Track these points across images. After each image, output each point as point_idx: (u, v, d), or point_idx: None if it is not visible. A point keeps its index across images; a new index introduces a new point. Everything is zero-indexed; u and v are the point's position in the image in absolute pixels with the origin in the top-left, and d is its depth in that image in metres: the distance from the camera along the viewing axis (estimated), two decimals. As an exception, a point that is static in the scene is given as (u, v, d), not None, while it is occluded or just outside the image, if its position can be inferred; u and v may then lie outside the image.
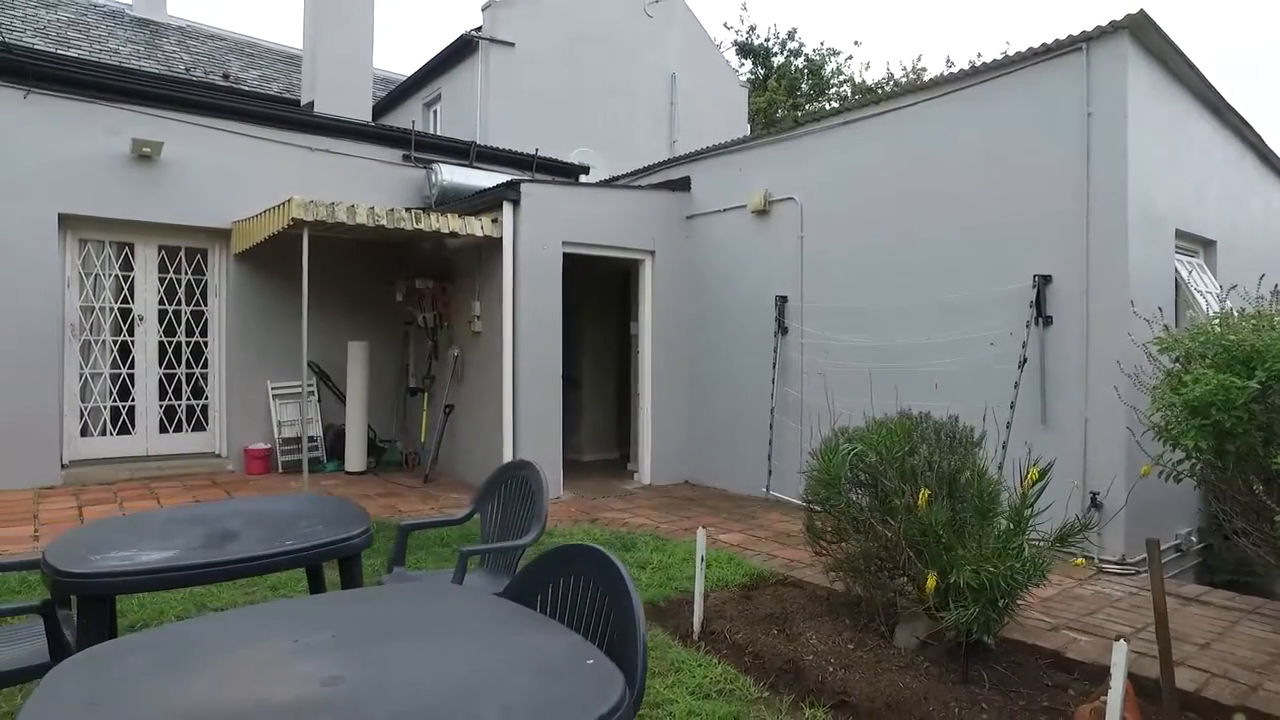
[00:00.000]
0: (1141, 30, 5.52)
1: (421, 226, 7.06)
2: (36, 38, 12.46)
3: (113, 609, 2.41)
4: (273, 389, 8.93)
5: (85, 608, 2.33)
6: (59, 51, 11.98)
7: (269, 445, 8.77)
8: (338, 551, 2.60)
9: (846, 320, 7.23)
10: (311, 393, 9.11)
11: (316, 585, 2.62)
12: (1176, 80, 6.23)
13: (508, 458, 7.38)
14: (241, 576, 2.85)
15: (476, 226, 7.28)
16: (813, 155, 7.65)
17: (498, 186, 7.69)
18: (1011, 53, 6.14)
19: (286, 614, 2.07)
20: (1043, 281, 5.76)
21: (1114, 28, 5.46)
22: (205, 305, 8.93)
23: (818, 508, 4.52)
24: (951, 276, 6.45)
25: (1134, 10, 5.36)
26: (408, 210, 7.15)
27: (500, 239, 7.36)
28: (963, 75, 6.53)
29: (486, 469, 7.78)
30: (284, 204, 6.64)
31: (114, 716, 1.44)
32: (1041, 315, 5.74)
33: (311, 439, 9.00)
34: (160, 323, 8.70)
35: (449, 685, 1.57)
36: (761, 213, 7.95)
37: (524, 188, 7.38)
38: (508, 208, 7.31)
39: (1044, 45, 5.82)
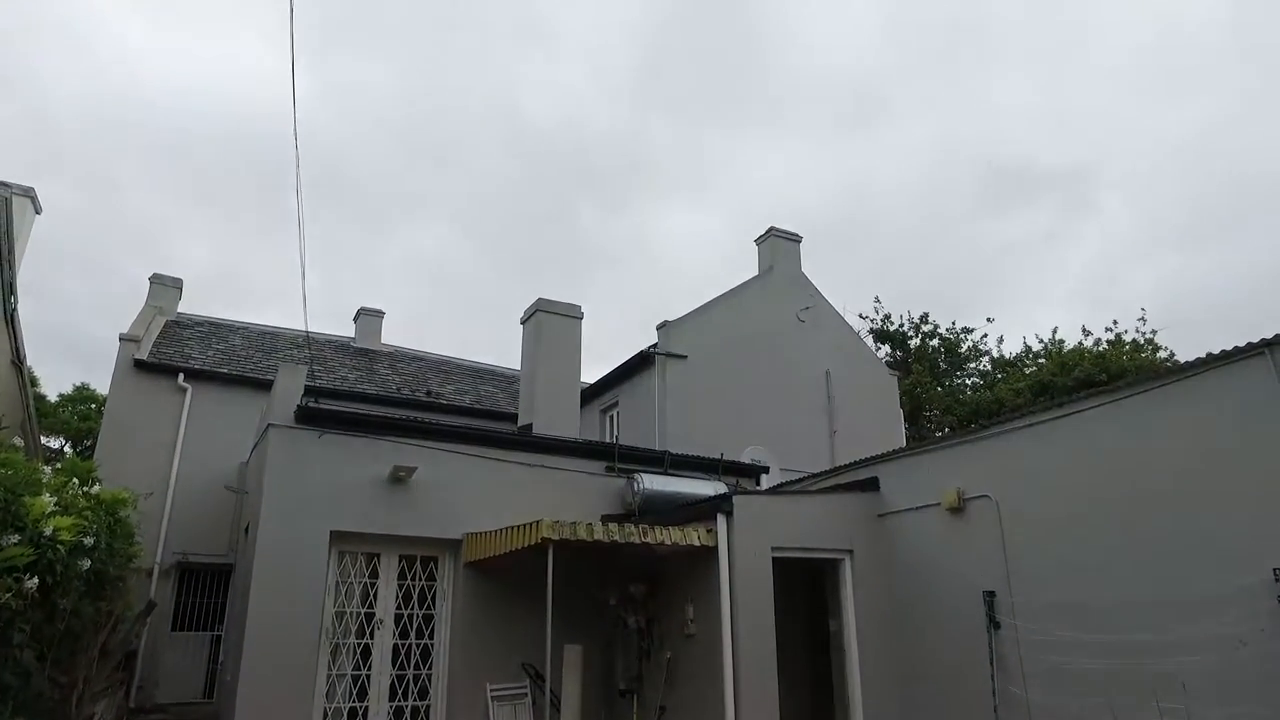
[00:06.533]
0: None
1: (649, 540, 7.86)
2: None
3: None
4: (491, 691, 9.44)
5: None
6: (313, 384, 14.31)
7: (487, 748, 9.12)
8: None
9: (1064, 615, 7.28)
10: (524, 694, 9.57)
11: None
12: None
13: (731, 762, 7.48)
14: None
15: (694, 537, 8.02)
16: (1002, 454, 8.16)
17: (712, 498, 8.53)
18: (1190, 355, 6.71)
19: None
20: (1285, 575, 5.83)
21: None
22: (434, 608, 9.82)
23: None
24: (1173, 570, 6.56)
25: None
26: (637, 525, 8.01)
27: (715, 547, 8.03)
28: (1144, 379, 7.14)
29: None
30: (533, 524, 7.61)
31: None
32: (1293, 611, 5.75)
33: (525, 742, 9.32)
34: (396, 625, 9.58)
35: None
36: (956, 510, 8.37)
37: (736, 499, 8.15)
38: (721, 519, 8.06)
39: (1236, 347, 6.36)
